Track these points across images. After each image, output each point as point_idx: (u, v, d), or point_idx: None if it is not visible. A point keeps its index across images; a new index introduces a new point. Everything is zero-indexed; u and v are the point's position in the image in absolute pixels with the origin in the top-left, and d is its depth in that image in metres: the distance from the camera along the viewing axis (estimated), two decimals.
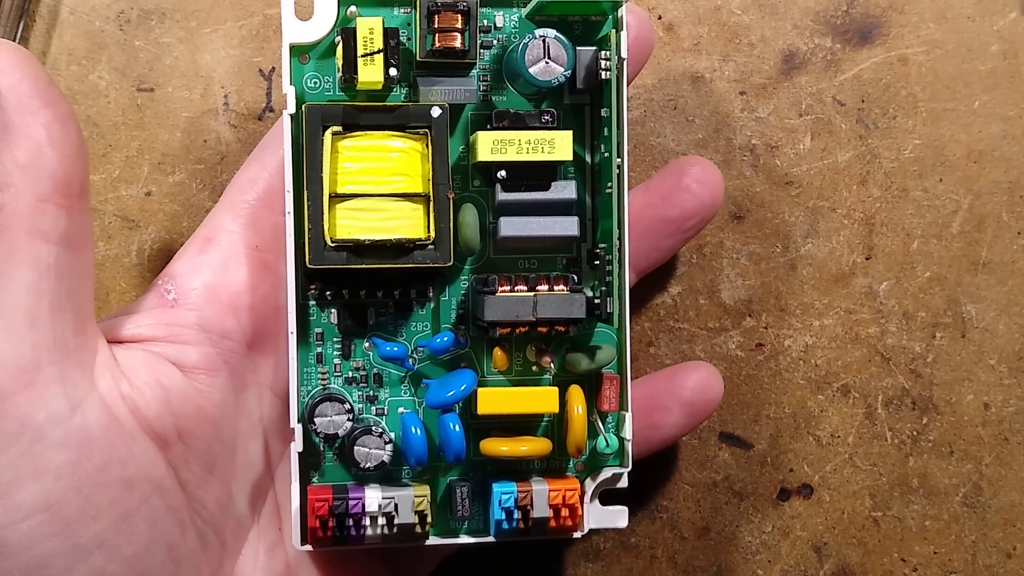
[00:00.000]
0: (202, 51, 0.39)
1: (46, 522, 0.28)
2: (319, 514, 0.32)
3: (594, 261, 0.33)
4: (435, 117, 0.32)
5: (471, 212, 0.33)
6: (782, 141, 0.40)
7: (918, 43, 0.40)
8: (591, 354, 0.33)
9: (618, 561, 0.40)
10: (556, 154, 0.32)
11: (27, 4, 0.38)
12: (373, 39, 0.31)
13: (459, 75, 0.33)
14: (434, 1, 0.32)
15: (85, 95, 0.39)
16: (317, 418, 0.33)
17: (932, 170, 0.40)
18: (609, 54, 0.33)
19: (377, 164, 0.32)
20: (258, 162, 0.34)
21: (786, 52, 0.40)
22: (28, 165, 0.29)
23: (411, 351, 0.34)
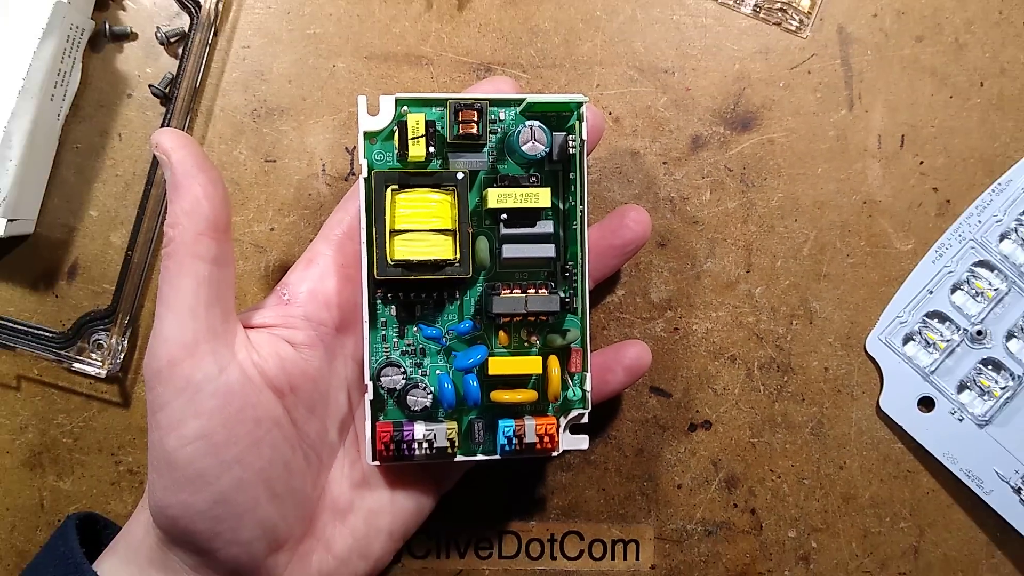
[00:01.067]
0: (307, 135, 0.39)
1: (203, 446, 0.29)
2: (384, 441, 0.32)
3: (565, 273, 0.33)
4: (459, 179, 0.32)
5: (483, 241, 0.33)
6: (691, 195, 0.39)
7: (780, 130, 0.39)
8: (563, 335, 0.33)
9: (582, 471, 0.39)
10: (539, 203, 0.32)
11: (192, 104, 0.38)
12: (418, 128, 0.31)
13: (475, 151, 0.33)
14: (459, 103, 0.32)
15: (230, 164, 0.39)
16: (382, 377, 0.33)
17: (790, 214, 0.39)
18: (575, 137, 0.33)
19: (421, 210, 0.32)
20: (343, 209, 0.34)
21: (694, 136, 0.39)
22: (190, 211, 0.30)
23: (444, 333, 0.33)
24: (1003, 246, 0.38)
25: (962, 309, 0.38)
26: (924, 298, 0.38)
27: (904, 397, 0.37)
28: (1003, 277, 0.37)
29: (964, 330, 0.37)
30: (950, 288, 0.38)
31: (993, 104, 0.39)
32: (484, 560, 0.39)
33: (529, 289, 0.33)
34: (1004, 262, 0.37)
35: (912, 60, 0.39)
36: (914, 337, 0.38)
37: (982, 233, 0.38)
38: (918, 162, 0.39)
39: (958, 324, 0.37)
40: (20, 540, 0.38)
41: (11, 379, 0.38)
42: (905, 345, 0.38)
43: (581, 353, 0.33)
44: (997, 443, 0.37)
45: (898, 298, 0.38)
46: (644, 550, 0.39)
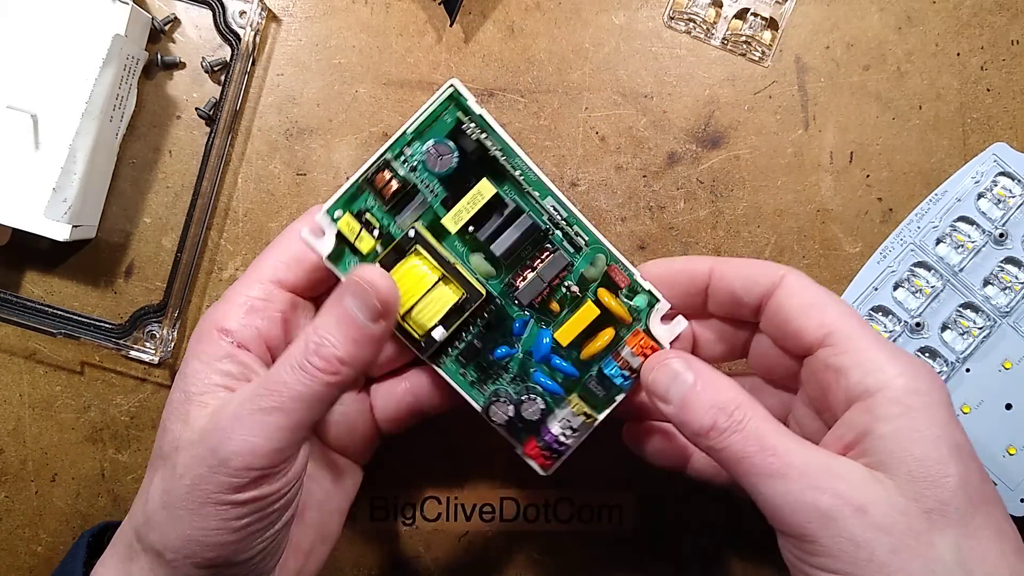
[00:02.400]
0: (334, 152, 0.41)
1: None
2: (542, 456, 0.33)
3: (554, 224, 0.32)
4: (412, 236, 0.31)
5: (477, 257, 0.33)
6: (667, 204, 0.41)
7: (745, 147, 0.41)
8: (595, 266, 0.33)
9: None
10: (486, 195, 0.31)
11: (233, 125, 0.41)
12: (352, 228, 0.31)
13: (413, 197, 0.32)
14: (366, 175, 0.31)
15: (266, 177, 0.41)
16: (493, 417, 0.33)
17: (753, 221, 0.41)
18: (469, 120, 0.31)
19: (409, 281, 0.31)
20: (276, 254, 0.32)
21: (670, 153, 0.41)
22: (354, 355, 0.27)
23: (513, 344, 0.33)
24: (939, 249, 0.40)
25: (903, 304, 0.40)
26: (870, 294, 0.40)
27: None
28: (939, 276, 0.40)
29: (904, 322, 0.40)
30: (892, 286, 0.40)
31: (930, 125, 0.41)
32: (487, 523, 0.42)
33: (534, 264, 0.32)
34: (940, 263, 0.40)
35: (860, 86, 0.41)
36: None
37: (920, 237, 0.40)
38: (865, 175, 0.41)
39: (899, 317, 0.40)
40: (84, 505, 0.41)
41: (76, 365, 0.41)
42: None
43: (617, 267, 0.33)
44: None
45: (847, 294, 0.41)
46: (626, 514, 0.42)
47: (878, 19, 0.42)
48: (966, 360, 0.39)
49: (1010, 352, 0.39)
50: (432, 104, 0.31)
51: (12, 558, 0.41)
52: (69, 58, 0.37)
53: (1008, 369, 0.39)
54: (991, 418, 0.38)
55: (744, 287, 0.31)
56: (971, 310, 0.40)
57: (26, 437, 0.41)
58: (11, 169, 0.37)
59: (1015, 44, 0.42)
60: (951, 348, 0.40)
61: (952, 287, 0.40)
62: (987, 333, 0.39)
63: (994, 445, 0.38)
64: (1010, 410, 0.38)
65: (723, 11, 0.42)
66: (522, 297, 0.32)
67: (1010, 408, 0.38)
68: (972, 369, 0.39)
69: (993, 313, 0.39)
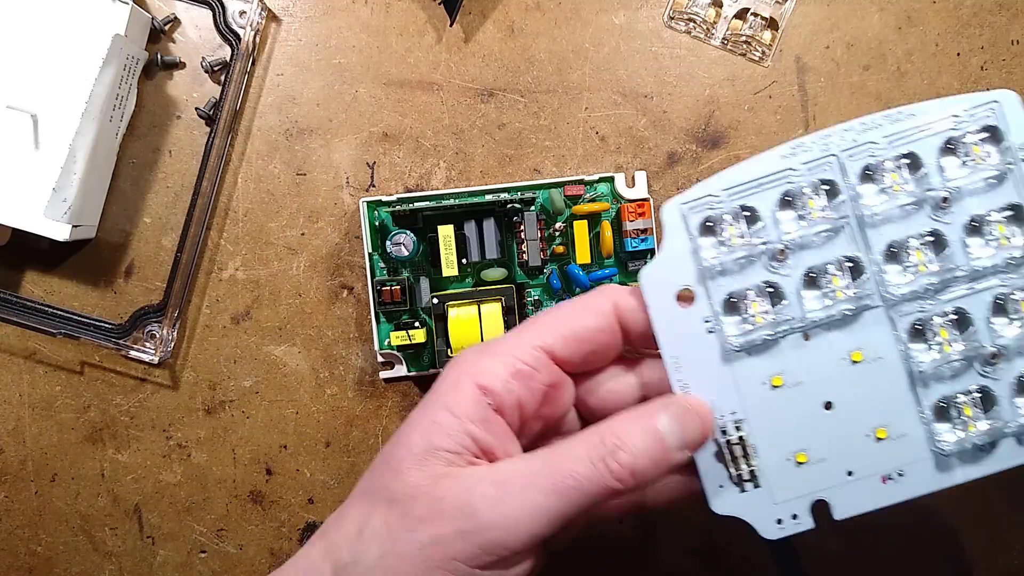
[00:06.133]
0: (333, 152, 0.41)
1: None
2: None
3: (504, 207, 0.38)
4: (436, 303, 0.38)
5: (488, 272, 0.39)
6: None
7: (745, 147, 0.41)
8: (552, 199, 0.39)
9: None
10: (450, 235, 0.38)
11: (233, 125, 0.40)
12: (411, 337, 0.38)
13: (414, 287, 0.39)
14: (376, 286, 0.39)
15: (266, 177, 0.41)
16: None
17: None
18: (398, 204, 0.38)
19: (463, 326, 0.37)
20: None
21: (670, 152, 0.41)
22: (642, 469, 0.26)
23: (561, 294, 0.40)
24: (863, 187, 0.28)
25: (780, 222, 0.28)
26: (750, 189, 0.28)
27: (668, 280, 0.28)
28: (839, 212, 0.28)
29: (768, 243, 0.28)
30: (781, 194, 0.28)
31: None
32: None
33: (521, 236, 0.38)
34: (853, 199, 0.28)
35: (860, 86, 0.41)
36: (714, 225, 0.28)
37: (850, 153, 0.28)
38: None
39: (766, 234, 0.28)
40: (83, 505, 0.41)
41: (75, 365, 0.41)
42: (699, 228, 0.28)
43: (568, 187, 0.39)
44: (729, 374, 0.28)
45: (723, 176, 0.28)
46: (626, 514, 0.39)
47: (878, 19, 0.41)
48: (813, 327, 0.28)
49: (868, 345, 0.28)
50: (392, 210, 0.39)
51: (12, 558, 0.41)
52: (69, 58, 0.37)
53: (855, 363, 0.28)
54: (800, 409, 0.28)
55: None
56: (853, 273, 0.28)
57: (26, 437, 0.41)
58: (11, 169, 0.37)
59: (1015, 44, 0.41)
60: (802, 305, 0.28)
61: (849, 234, 0.28)
62: (855, 309, 0.28)
63: (786, 442, 0.28)
64: (829, 410, 0.28)
65: (723, 11, 0.41)
66: (532, 260, 0.38)
67: (829, 408, 0.28)
68: (812, 340, 0.28)
69: (878, 291, 0.28)
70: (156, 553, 0.41)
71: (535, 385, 0.27)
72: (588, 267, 0.40)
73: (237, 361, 0.41)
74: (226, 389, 0.41)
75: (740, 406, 0.28)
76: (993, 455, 0.27)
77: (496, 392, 0.26)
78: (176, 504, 0.41)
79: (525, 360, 0.27)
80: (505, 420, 0.26)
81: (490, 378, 0.26)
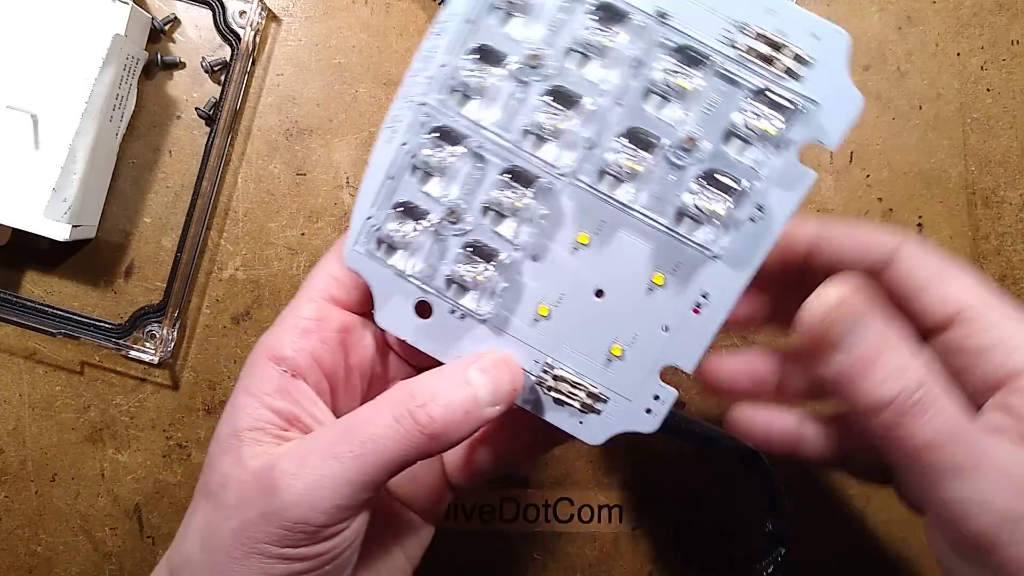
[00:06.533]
0: (333, 152, 0.41)
1: None
2: None
3: None
4: None
5: None
6: None
7: None
8: None
9: (572, 446, 0.40)
10: None
11: (233, 125, 0.40)
12: None
13: None
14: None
15: (266, 177, 0.41)
16: None
17: None
18: None
19: None
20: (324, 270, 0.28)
21: None
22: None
23: None
24: (465, 105, 0.26)
25: (431, 194, 0.26)
26: (388, 188, 0.26)
27: (399, 307, 0.27)
28: (466, 148, 0.26)
29: (436, 220, 0.27)
30: (411, 169, 0.26)
31: (930, 125, 0.41)
32: (487, 523, 0.41)
33: None
34: (466, 136, 0.26)
35: (860, 86, 0.38)
36: (391, 239, 0.27)
37: (435, 94, 0.26)
38: (865, 175, 0.41)
39: (434, 210, 0.26)
40: (83, 505, 0.41)
41: (75, 365, 0.41)
42: (384, 248, 0.27)
43: None
44: (505, 337, 0.27)
45: (363, 194, 0.27)
46: (627, 514, 0.41)
47: (878, 19, 0.41)
48: (532, 250, 0.27)
49: (583, 222, 0.26)
50: None
51: (12, 558, 0.41)
52: (69, 58, 0.37)
53: (587, 245, 0.26)
54: (581, 315, 0.27)
55: (853, 259, 0.26)
56: (522, 182, 0.26)
57: (26, 437, 0.41)
58: (11, 169, 0.37)
59: (1015, 44, 0.41)
60: (506, 239, 0.26)
61: (493, 155, 0.26)
62: (548, 207, 0.26)
63: (595, 349, 0.27)
64: (602, 298, 0.26)
65: None
66: None
67: (602, 296, 0.26)
68: (541, 257, 0.27)
69: (553, 177, 0.26)
70: (156, 553, 0.41)
71: (325, 335, 0.26)
72: None
73: (237, 361, 0.41)
74: (226, 389, 0.41)
75: (536, 354, 0.27)
76: (764, 221, 0.25)
77: (287, 358, 0.25)
78: (176, 504, 0.41)
79: (307, 316, 0.26)
80: (310, 383, 0.26)
81: (279, 346, 0.25)
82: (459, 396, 0.24)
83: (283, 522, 0.22)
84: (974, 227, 0.41)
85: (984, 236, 0.41)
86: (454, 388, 0.24)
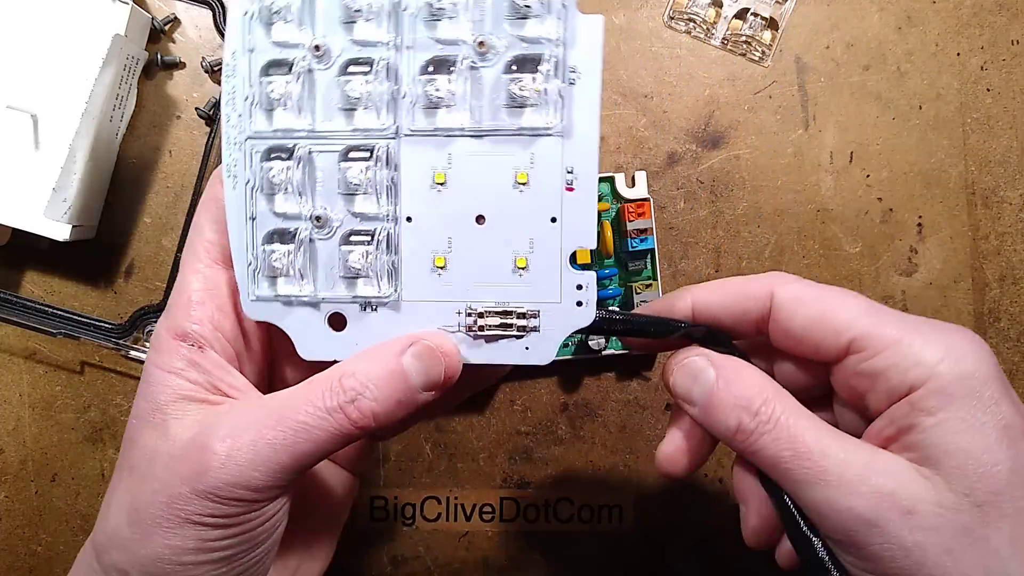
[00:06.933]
0: None
1: None
2: None
3: None
4: None
5: None
6: (667, 204, 0.41)
7: (745, 147, 0.41)
8: None
9: (572, 446, 0.41)
10: None
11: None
12: None
13: None
14: None
15: None
16: None
17: (753, 220, 0.41)
18: None
19: None
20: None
21: (670, 152, 0.41)
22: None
23: None
24: (277, 119, 0.26)
25: (290, 213, 0.26)
26: (251, 228, 0.26)
27: (315, 330, 0.27)
28: (287, 153, 0.26)
29: (301, 233, 0.26)
30: (266, 199, 0.26)
31: (930, 125, 0.41)
32: (487, 523, 0.41)
33: None
34: (285, 135, 0.26)
35: (860, 86, 0.41)
36: (277, 269, 0.26)
37: (251, 125, 0.26)
38: (865, 175, 0.41)
39: (297, 227, 0.26)
40: (83, 505, 0.41)
41: (76, 365, 0.41)
42: (276, 283, 0.27)
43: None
44: (420, 302, 0.26)
45: (235, 245, 0.26)
46: (627, 514, 0.41)
47: (878, 19, 0.41)
48: (402, 208, 0.26)
49: (433, 160, 0.26)
50: None
51: (12, 558, 0.41)
52: (69, 58, 0.37)
53: (446, 181, 0.26)
54: (480, 250, 0.26)
55: (734, 319, 0.28)
56: (359, 157, 0.26)
57: (26, 437, 0.41)
58: (11, 169, 0.37)
59: (1015, 44, 0.41)
60: (371, 215, 0.26)
61: (318, 149, 0.26)
62: (389, 173, 0.26)
63: (502, 272, 0.26)
64: (483, 224, 0.26)
65: (723, 11, 0.41)
66: None
67: (482, 222, 0.26)
68: (415, 215, 0.26)
69: (380, 133, 0.26)
70: None
71: (219, 302, 0.26)
72: (588, 267, 0.39)
73: None
74: None
75: (455, 305, 0.26)
76: (582, 76, 0.25)
77: (190, 333, 0.25)
78: None
79: (198, 287, 0.26)
80: (218, 352, 0.26)
81: (178, 323, 0.26)
82: (392, 388, 0.24)
83: (217, 498, 0.23)
84: (974, 227, 0.41)
85: (984, 236, 0.41)
86: (387, 379, 0.24)
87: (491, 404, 0.41)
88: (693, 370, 0.27)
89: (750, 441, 0.25)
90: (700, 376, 0.26)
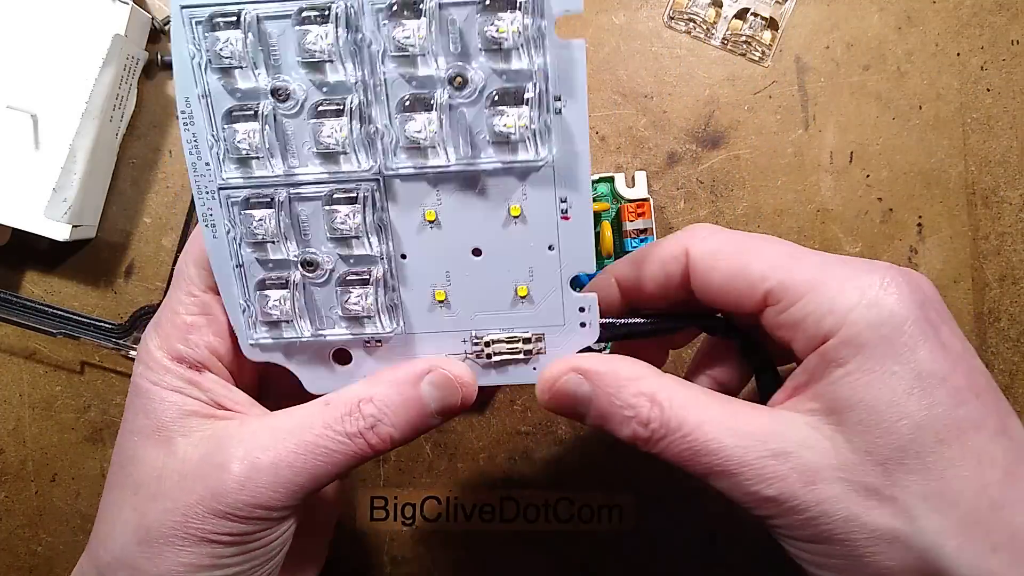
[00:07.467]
0: None
1: None
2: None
3: None
4: None
5: None
6: (667, 204, 0.41)
7: (745, 147, 0.41)
8: None
9: (572, 446, 0.41)
10: None
11: None
12: None
13: None
14: None
15: None
16: None
17: (753, 220, 0.41)
18: None
19: None
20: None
21: (670, 152, 0.41)
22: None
23: None
24: (248, 167, 0.25)
25: (279, 258, 0.26)
26: (241, 275, 0.26)
27: (320, 367, 0.27)
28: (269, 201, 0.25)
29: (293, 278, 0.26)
30: (251, 248, 0.26)
31: (930, 125, 0.41)
32: (487, 523, 0.41)
33: None
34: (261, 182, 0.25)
35: (860, 86, 0.41)
36: (272, 315, 0.26)
37: (221, 174, 0.25)
38: (865, 175, 0.41)
39: (288, 273, 0.26)
40: (84, 505, 0.41)
41: (75, 365, 0.41)
42: (276, 329, 0.26)
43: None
44: (423, 334, 0.27)
45: (225, 292, 0.26)
46: (627, 514, 0.41)
47: (878, 19, 0.41)
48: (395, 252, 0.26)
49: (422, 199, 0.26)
50: None
51: (12, 558, 0.41)
52: (69, 58, 0.37)
53: (436, 219, 0.26)
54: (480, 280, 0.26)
55: (658, 285, 0.27)
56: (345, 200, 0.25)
57: (26, 437, 0.41)
58: (11, 169, 0.37)
59: (1015, 44, 0.41)
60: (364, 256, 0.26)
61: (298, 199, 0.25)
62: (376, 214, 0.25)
63: (504, 300, 0.26)
64: (480, 256, 0.26)
65: (723, 11, 0.41)
66: None
67: (479, 255, 0.26)
68: (408, 254, 0.26)
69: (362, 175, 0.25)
70: None
71: (216, 328, 0.26)
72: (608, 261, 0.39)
73: None
74: None
75: (459, 334, 0.27)
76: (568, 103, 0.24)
77: (186, 356, 0.25)
78: None
79: (194, 312, 0.26)
80: (215, 372, 0.26)
81: (172, 344, 0.25)
82: (410, 414, 0.25)
83: (234, 517, 0.23)
84: (974, 227, 0.41)
85: (984, 236, 0.41)
86: (405, 406, 0.25)
87: (491, 404, 0.41)
88: (569, 390, 0.25)
89: (650, 449, 0.24)
90: (578, 393, 0.25)
